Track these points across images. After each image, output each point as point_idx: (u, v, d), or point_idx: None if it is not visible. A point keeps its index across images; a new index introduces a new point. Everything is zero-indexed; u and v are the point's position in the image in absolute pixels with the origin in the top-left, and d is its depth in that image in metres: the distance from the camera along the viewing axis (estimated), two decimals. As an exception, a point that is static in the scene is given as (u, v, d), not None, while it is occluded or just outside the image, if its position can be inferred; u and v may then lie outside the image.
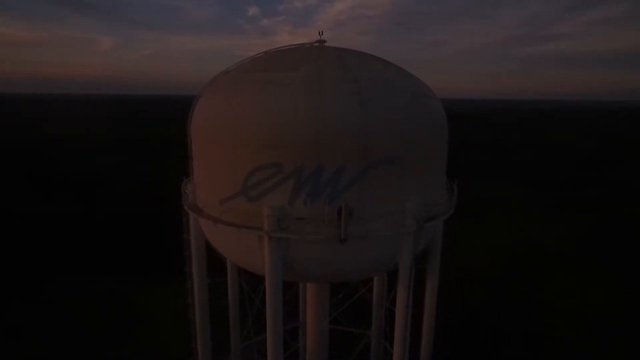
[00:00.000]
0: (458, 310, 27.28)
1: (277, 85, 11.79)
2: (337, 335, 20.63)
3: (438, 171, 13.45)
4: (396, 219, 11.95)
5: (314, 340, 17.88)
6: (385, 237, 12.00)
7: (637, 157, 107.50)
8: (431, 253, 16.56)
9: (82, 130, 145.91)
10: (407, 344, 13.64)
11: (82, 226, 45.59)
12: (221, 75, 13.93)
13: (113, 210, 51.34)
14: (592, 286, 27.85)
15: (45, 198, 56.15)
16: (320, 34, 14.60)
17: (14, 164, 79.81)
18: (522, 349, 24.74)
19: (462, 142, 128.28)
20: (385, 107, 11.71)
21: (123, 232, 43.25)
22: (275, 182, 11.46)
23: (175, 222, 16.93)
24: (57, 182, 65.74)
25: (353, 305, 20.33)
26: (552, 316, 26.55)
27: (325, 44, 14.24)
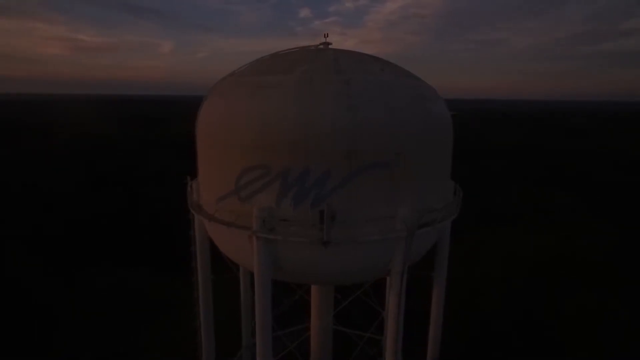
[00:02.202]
0: (471, 319, 26.25)
1: (268, 88, 11.99)
2: (347, 339, 20.50)
3: (436, 176, 13.03)
4: (385, 224, 11.73)
5: (318, 341, 17.93)
6: (374, 242, 11.83)
7: None
8: (438, 260, 16.14)
9: (138, 129, 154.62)
10: (399, 353, 13.31)
11: (125, 219, 48.49)
12: (226, 78, 14.34)
13: (156, 205, 53.97)
14: (619, 303, 25.86)
15: (96, 190, 60.14)
16: (326, 36, 14.61)
17: (76, 160, 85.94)
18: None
19: (514, 147, 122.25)
20: (376, 110, 11.54)
21: (162, 226, 45.39)
22: (263, 183, 11.67)
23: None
24: (110, 177, 70.24)
25: (364, 308, 20.16)
26: (571, 331, 24.95)
27: (330, 46, 14.29)
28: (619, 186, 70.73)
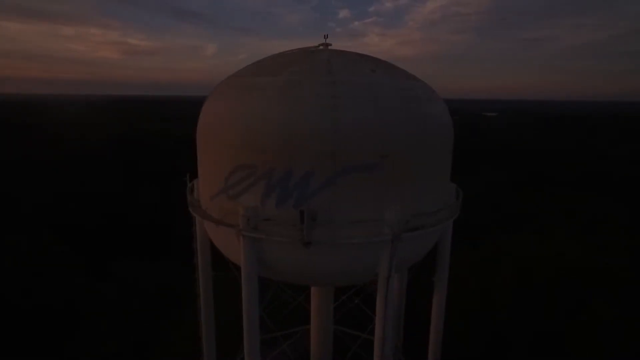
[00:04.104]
0: (476, 322, 25.34)
1: (257, 89, 12.17)
2: (349, 340, 20.23)
3: (428, 179, 12.61)
4: (370, 227, 11.57)
5: (318, 342, 17.89)
6: (358, 245, 11.72)
7: None
8: (439, 264, 15.75)
9: (181, 128, 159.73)
10: (388, 357, 13.03)
11: (157, 213, 50.35)
12: (227, 78, 14.62)
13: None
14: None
15: (134, 187, 62.70)
16: (326, 37, 14.57)
17: (120, 155, 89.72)
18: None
19: (563, 151, 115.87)
20: (362, 111, 11.40)
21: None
22: (249, 183, 11.86)
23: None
24: (150, 174, 73.06)
25: (368, 309, 19.86)
26: (570, 332, 23.80)
27: (330, 47, 14.24)
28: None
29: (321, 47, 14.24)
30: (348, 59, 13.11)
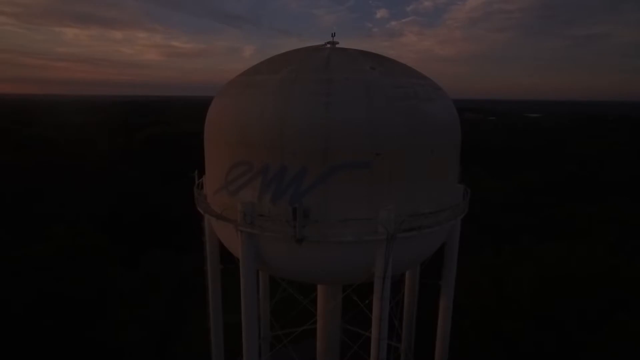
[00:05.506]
0: (481, 325, 24.43)
1: (255, 87, 12.39)
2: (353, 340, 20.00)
3: (426, 179, 12.32)
4: (364, 226, 11.48)
5: (324, 340, 17.87)
6: (352, 243, 11.67)
7: None
8: (445, 267, 15.43)
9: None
10: (383, 358, 12.85)
11: (185, 208, 51.60)
12: (233, 78, 14.92)
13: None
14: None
15: (164, 183, 64.52)
16: (333, 35, 14.59)
17: (153, 155, 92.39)
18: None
19: (605, 151, 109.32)
20: (355, 109, 11.35)
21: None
22: (247, 179, 12.09)
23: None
24: (179, 171, 74.94)
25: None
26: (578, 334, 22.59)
27: (337, 45, 14.24)
28: None
29: (328, 45, 14.26)
30: (349, 57, 13.05)
